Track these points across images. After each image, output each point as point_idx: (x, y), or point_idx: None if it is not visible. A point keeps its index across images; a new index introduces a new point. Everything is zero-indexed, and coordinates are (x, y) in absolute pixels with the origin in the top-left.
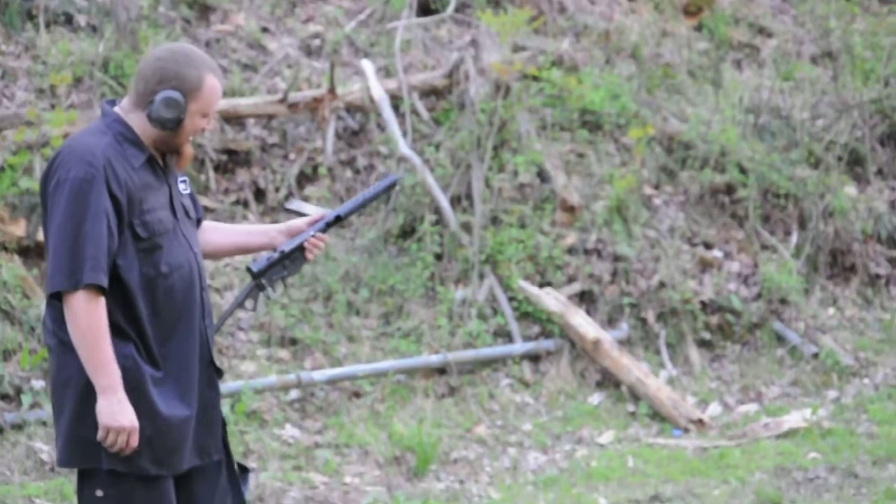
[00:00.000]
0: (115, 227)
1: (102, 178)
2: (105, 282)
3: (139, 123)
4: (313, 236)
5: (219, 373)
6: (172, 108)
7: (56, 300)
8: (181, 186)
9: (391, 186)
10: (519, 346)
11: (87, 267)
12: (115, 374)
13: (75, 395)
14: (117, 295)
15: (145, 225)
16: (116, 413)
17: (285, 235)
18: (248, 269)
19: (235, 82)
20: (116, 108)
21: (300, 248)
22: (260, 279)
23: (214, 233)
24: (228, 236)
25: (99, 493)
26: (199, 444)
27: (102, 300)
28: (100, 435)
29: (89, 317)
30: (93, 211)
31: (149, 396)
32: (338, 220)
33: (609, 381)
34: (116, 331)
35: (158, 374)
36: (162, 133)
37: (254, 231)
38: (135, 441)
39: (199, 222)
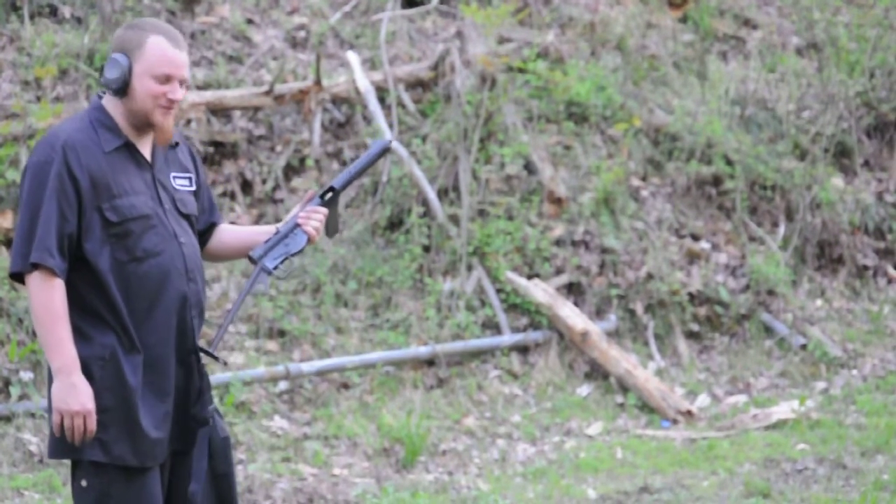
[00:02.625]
0: (73, 210)
1: (61, 161)
2: (52, 262)
3: (113, 105)
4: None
5: (206, 362)
6: (114, 69)
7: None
8: (178, 181)
9: (383, 153)
10: (507, 338)
11: (36, 247)
12: (68, 356)
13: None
14: (90, 280)
15: (115, 209)
16: (68, 397)
17: None
18: (249, 257)
19: (221, 74)
20: (102, 98)
21: (295, 225)
22: (262, 262)
23: (228, 234)
24: (239, 236)
25: (83, 483)
26: (182, 432)
27: (57, 282)
28: (54, 419)
29: (42, 297)
30: (48, 194)
31: (129, 390)
32: (332, 192)
33: (597, 372)
34: (96, 317)
35: (138, 358)
36: (122, 102)
37: (262, 231)
38: (91, 425)
39: (213, 226)
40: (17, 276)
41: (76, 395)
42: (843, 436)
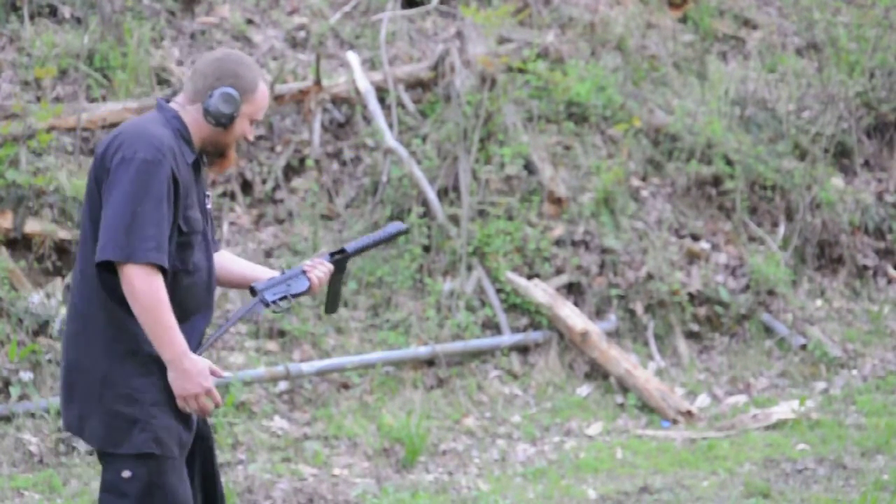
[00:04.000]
0: (171, 215)
1: (168, 165)
2: (167, 263)
3: (193, 120)
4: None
5: None
6: (230, 104)
7: (103, 271)
8: (207, 200)
9: (399, 234)
10: (507, 338)
11: (149, 246)
12: (178, 344)
13: (103, 382)
14: None
15: (187, 220)
16: (185, 383)
17: None
18: (251, 288)
19: None
20: (173, 105)
21: (301, 271)
22: (261, 294)
23: (234, 264)
24: (244, 270)
25: (126, 473)
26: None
27: (161, 277)
28: (180, 405)
29: (150, 290)
30: (155, 193)
31: None
32: (342, 254)
33: (597, 372)
34: None
35: None
36: (214, 130)
37: (266, 270)
38: (217, 398)
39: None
40: (106, 264)
41: (191, 379)
42: (843, 436)
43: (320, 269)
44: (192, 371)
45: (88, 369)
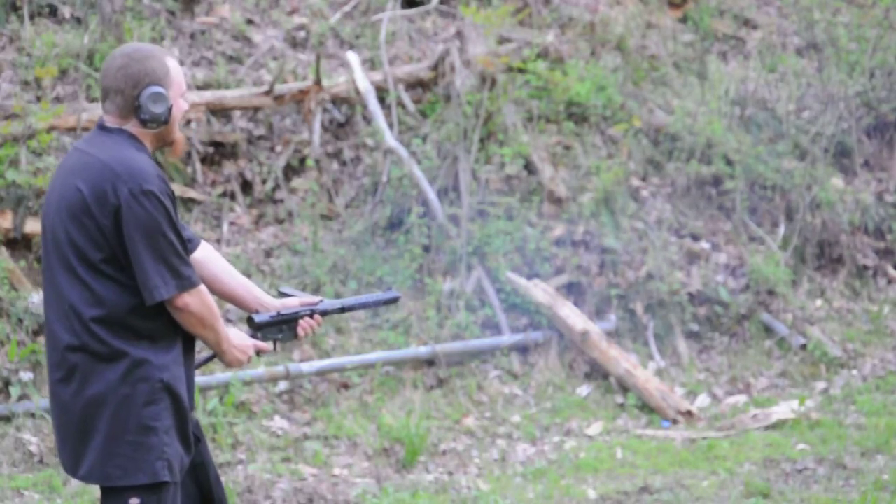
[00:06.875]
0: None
1: (168, 188)
2: (200, 280)
3: (139, 133)
4: (311, 316)
5: None
6: (161, 101)
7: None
8: None
9: (392, 301)
10: (507, 338)
11: (189, 272)
12: (225, 333)
13: (111, 414)
14: (156, 306)
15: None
16: (236, 358)
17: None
18: (250, 319)
19: (221, 74)
20: (115, 124)
21: (296, 320)
22: (258, 332)
23: (236, 283)
24: (242, 289)
25: (134, 500)
26: None
27: (207, 291)
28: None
29: (207, 309)
30: (172, 220)
31: (185, 406)
32: (341, 311)
33: (597, 372)
34: (153, 340)
35: (184, 374)
36: (158, 130)
37: (261, 293)
38: (263, 347)
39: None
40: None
41: (240, 353)
42: (842, 436)
43: (313, 328)
44: (238, 346)
45: (85, 404)
